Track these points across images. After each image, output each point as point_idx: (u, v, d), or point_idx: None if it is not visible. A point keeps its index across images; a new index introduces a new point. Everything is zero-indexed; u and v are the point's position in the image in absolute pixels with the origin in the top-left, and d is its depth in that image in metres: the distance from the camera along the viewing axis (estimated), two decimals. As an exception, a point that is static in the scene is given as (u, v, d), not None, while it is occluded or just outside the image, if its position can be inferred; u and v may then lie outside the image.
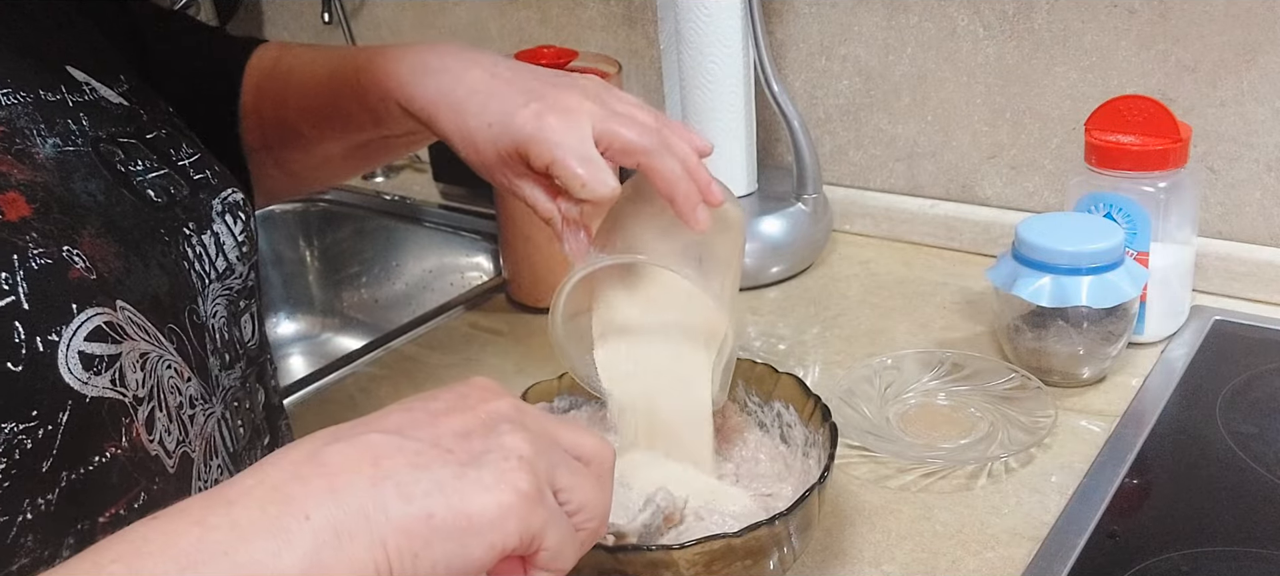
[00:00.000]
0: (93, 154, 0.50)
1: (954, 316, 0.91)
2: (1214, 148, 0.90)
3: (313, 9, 1.36)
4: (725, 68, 0.96)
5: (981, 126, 1.01)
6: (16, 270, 0.40)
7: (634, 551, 0.52)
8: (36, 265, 0.41)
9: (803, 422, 0.64)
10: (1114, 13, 0.91)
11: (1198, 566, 0.61)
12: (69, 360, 0.41)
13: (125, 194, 0.50)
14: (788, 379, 0.65)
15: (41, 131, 0.47)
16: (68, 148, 0.48)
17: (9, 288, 0.40)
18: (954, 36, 0.99)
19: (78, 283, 0.43)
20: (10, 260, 0.40)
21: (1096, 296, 0.75)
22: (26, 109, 0.48)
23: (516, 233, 0.97)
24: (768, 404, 0.67)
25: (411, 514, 0.34)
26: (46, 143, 0.47)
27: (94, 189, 0.48)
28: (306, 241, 1.30)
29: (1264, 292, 0.90)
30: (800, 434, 0.64)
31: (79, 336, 0.41)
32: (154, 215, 0.52)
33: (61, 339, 0.41)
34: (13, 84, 0.48)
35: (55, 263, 0.42)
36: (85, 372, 0.41)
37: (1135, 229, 0.79)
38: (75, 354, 0.41)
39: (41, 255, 0.42)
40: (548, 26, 1.23)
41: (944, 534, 0.65)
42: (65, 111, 0.50)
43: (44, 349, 0.40)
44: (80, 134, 0.50)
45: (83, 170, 0.48)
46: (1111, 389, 0.79)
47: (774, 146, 1.11)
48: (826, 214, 1.02)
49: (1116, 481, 0.68)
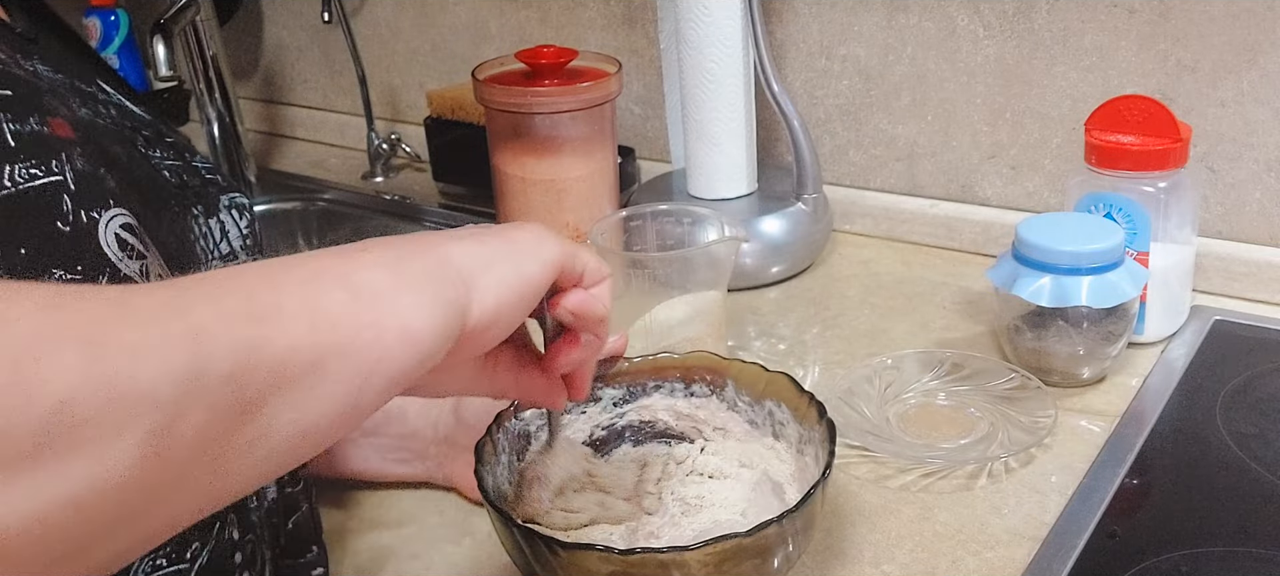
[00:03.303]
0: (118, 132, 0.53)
1: (954, 316, 0.91)
2: (1214, 148, 0.90)
3: (313, 9, 1.36)
4: (725, 68, 0.96)
5: (981, 126, 1.01)
6: (65, 163, 0.43)
7: (645, 552, 0.52)
8: (79, 166, 0.44)
9: (796, 421, 0.64)
10: (1114, 13, 0.91)
11: (1198, 566, 0.61)
12: (107, 237, 0.43)
13: (145, 166, 0.53)
14: (780, 377, 0.65)
15: (76, 105, 0.50)
16: (99, 120, 0.51)
17: (58, 170, 0.43)
18: (954, 36, 0.99)
19: (111, 190, 0.46)
20: (60, 155, 0.44)
21: (1096, 296, 0.75)
22: (64, 85, 0.50)
23: (516, 232, 0.97)
24: (758, 403, 0.66)
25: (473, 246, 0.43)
26: (80, 110, 0.50)
27: (118, 152, 0.51)
28: (307, 240, 1.30)
29: (1264, 292, 0.90)
30: (795, 432, 0.64)
31: (115, 223, 0.44)
32: (167, 189, 0.54)
33: (101, 218, 0.43)
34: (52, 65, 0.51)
35: (94, 172, 0.45)
36: (120, 252, 0.44)
37: (1135, 229, 0.79)
38: (112, 234, 0.44)
39: (83, 163, 0.45)
40: (548, 26, 1.23)
41: (944, 534, 0.65)
42: (96, 101, 0.53)
43: (86, 221, 0.43)
44: (108, 118, 0.53)
45: (110, 136, 0.51)
46: (1111, 389, 0.79)
47: (774, 146, 1.11)
48: (826, 214, 1.02)
49: (1116, 481, 0.68)
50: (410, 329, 0.37)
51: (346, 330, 0.35)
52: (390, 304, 0.37)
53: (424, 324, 0.37)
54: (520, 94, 0.95)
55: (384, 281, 0.37)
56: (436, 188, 1.27)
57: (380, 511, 0.72)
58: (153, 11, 1.17)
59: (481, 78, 0.99)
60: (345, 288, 0.36)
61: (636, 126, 1.22)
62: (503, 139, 0.98)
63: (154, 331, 0.29)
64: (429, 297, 0.38)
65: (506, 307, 0.43)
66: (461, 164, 1.23)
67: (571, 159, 0.97)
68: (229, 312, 0.32)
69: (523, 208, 0.98)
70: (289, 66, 1.52)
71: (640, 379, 0.68)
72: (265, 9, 1.50)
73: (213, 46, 1.23)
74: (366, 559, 0.68)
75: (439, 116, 1.23)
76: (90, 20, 1.43)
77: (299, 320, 0.33)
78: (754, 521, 0.54)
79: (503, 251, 0.43)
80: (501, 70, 1.00)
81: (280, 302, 0.34)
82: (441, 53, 1.35)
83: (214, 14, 1.24)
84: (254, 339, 0.32)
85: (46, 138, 0.44)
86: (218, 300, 0.32)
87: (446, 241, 0.42)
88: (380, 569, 0.67)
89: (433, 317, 0.38)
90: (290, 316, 0.33)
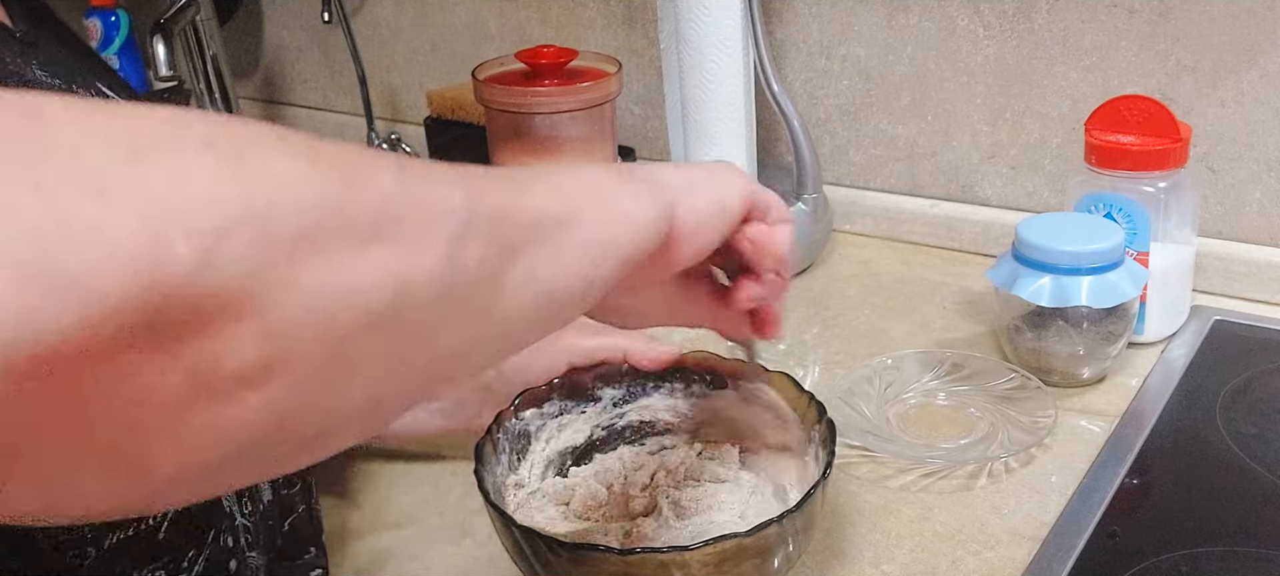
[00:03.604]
0: None
1: (954, 316, 0.91)
2: (1214, 148, 0.90)
3: (313, 9, 1.36)
4: (725, 68, 0.96)
5: (981, 126, 1.01)
6: None
7: (646, 553, 0.52)
8: None
9: (796, 421, 0.64)
10: (1114, 13, 0.91)
11: (1198, 566, 0.61)
12: None
13: None
14: (780, 377, 0.65)
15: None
16: None
17: None
18: (954, 36, 0.99)
19: None
20: None
21: (1096, 296, 0.75)
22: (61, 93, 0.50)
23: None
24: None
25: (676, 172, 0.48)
26: None
27: None
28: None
29: (1264, 292, 0.90)
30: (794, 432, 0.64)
31: None
32: None
33: None
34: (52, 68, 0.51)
35: None
36: None
37: (1135, 229, 0.79)
38: None
39: None
40: (548, 26, 1.23)
41: (944, 534, 0.65)
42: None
43: None
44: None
45: None
46: (1111, 389, 0.79)
47: (774, 146, 1.11)
48: (826, 214, 1.02)
49: (1116, 481, 0.68)
50: (631, 216, 0.42)
51: (586, 207, 0.40)
52: (614, 196, 0.42)
53: (643, 214, 0.43)
54: (520, 94, 0.95)
55: (608, 181, 0.43)
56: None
57: (380, 512, 0.72)
58: (153, 11, 1.17)
59: (481, 78, 0.98)
60: (580, 180, 0.42)
61: (636, 126, 1.22)
62: (503, 139, 0.98)
63: (440, 170, 0.35)
64: (645, 196, 0.43)
65: (707, 222, 0.47)
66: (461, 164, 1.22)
67: (571, 159, 0.97)
68: (494, 176, 0.37)
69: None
70: (289, 66, 1.52)
71: (640, 379, 0.68)
72: (265, 9, 1.50)
73: (213, 46, 1.23)
74: (366, 559, 0.68)
75: (439, 116, 1.23)
76: (90, 21, 1.43)
77: (547, 196, 0.39)
78: (753, 522, 0.54)
79: (702, 178, 0.48)
80: (501, 70, 1.00)
81: (531, 183, 0.39)
82: (441, 53, 1.35)
83: (214, 14, 1.24)
84: (511, 196, 0.37)
85: None
86: (480, 173, 0.37)
87: (655, 167, 0.47)
88: (380, 569, 0.67)
89: (648, 211, 0.43)
90: (539, 193, 0.39)
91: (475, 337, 0.36)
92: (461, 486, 0.73)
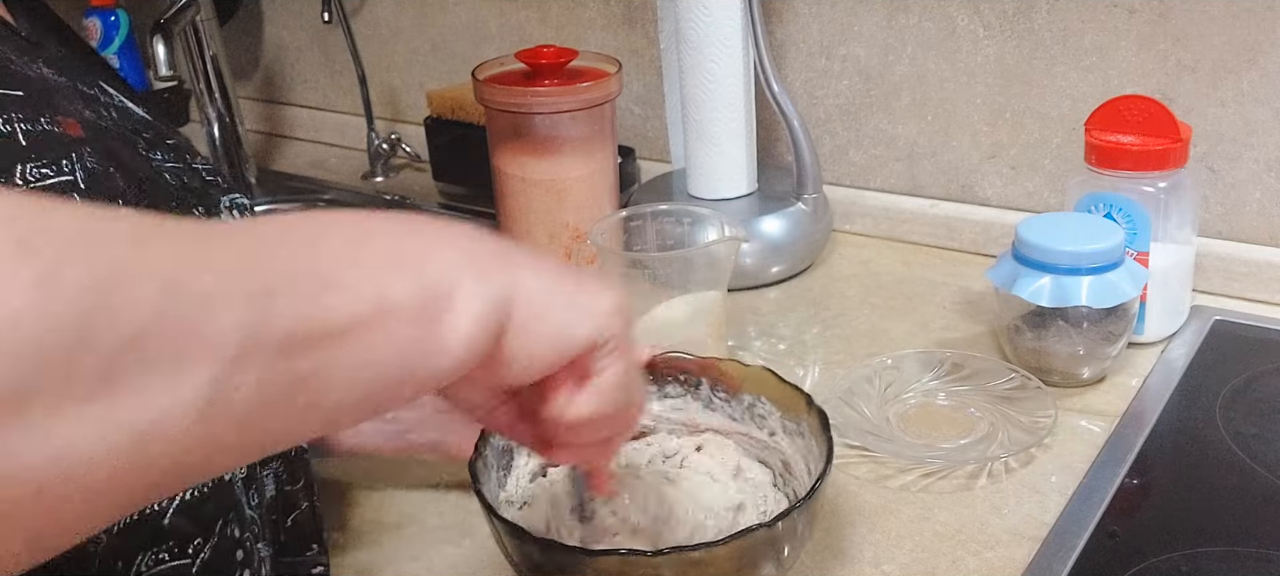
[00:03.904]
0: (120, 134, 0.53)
1: (954, 316, 0.91)
2: (1214, 148, 0.90)
3: (313, 9, 1.36)
4: (725, 68, 0.96)
5: (981, 126, 1.01)
6: (75, 163, 0.45)
7: (673, 552, 0.51)
8: (90, 165, 0.46)
9: (795, 421, 0.64)
10: (1114, 13, 0.91)
11: (1198, 566, 0.61)
12: None
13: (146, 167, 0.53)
14: (779, 378, 0.65)
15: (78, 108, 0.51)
16: (101, 122, 0.52)
17: (68, 169, 0.44)
18: (954, 36, 0.99)
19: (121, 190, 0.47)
20: (71, 154, 0.45)
21: (1096, 296, 0.75)
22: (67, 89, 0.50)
23: (516, 232, 0.97)
24: (758, 403, 0.66)
25: (538, 278, 0.41)
26: (83, 112, 0.51)
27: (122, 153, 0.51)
28: (306, 241, 1.29)
29: (1264, 292, 0.90)
30: (777, 424, 0.64)
31: None
32: (168, 191, 0.54)
33: None
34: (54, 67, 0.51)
35: (104, 171, 0.46)
36: None
37: (1135, 229, 0.79)
38: None
39: (93, 162, 0.46)
40: (548, 26, 1.23)
41: (944, 534, 0.65)
42: (98, 103, 0.53)
43: None
44: (109, 120, 0.53)
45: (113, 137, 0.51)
46: (1111, 389, 0.79)
47: (774, 146, 1.11)
48: (826, 214, 1.02)
49: (1116, 481, 0.68)
50: (447, 344, 0.37)
51: (397, 327, 0.35)
52: (437, 309, 0.37)
53: (460, 342, 0.38)
54: (520, 94, 0.95)
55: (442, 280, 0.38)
56: (436, 188, 1.27)
57: (380, 511, 0.72)
58: (153, 11, 1.17)
59: (481, 78, 0.98)
60: (416, 283, 0.37)
61: (636, 126, 1.22)
62: (503, 139, 0.98)
63: (228, 284, 0.30)
64: (476, 308, 0.38)
65: (538, 354, 0.42)
66: (461, 164, 1.23)
67: (572, 159, 0.97)
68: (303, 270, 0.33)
69: (523, 208, 0.98)
70: (289, 66, 1.52)
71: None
72: (265, 9, 1.50)
73: (213, 46, 1.23)
74: (366, 559, 0.68)
75: (439, 116, 1.23)
76: (90, 20, 1.43)
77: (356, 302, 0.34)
78: (749, 522, 0.54)
79: (562, 295, 0.42)
80: (501, 70, 1.00)
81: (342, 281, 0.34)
82: (441, 53, 1.35)
83: (214, 14, 1.24)
84: (311, 306, 0.33)
85: (58, 137, 0.44)
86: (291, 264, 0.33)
87: (520, 268, 0.41)
88: (380, 569, 0.67)
89: (472, 332, 0.38)
90: (350, 297, 0.34)
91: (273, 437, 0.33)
92: (461, 486, 0.73)
